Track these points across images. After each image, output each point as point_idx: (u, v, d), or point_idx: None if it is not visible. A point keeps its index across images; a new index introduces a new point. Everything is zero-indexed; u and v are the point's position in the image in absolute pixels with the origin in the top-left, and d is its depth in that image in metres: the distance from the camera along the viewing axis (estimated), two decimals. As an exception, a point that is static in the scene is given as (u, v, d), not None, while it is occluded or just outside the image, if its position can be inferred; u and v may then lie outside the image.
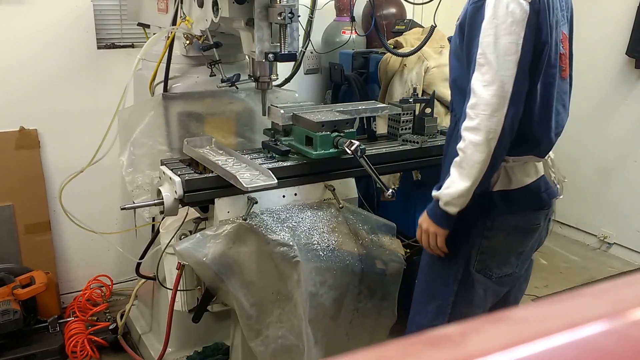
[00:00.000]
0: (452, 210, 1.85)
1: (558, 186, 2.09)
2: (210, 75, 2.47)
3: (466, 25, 1.82)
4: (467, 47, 1.80)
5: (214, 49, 2.34)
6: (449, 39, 2.24)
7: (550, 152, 2.05)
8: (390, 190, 2.06)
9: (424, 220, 1.95)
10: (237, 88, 2.48)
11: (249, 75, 2.32)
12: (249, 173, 2.01)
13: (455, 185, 1.80)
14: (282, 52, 2.22)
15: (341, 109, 2.33)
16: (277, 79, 2.36)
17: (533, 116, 1.85)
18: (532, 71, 1.77)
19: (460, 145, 1.78)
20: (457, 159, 1.80)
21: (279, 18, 2.10)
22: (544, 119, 1.88)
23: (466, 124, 1.76)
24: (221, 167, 2.01)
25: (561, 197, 2.09)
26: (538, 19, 1.73)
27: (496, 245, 1.98)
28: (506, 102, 1.70)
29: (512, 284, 2.13)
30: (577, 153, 4.46)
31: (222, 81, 2.36)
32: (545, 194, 2.00)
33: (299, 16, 2.18)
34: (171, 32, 2.47)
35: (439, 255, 1.97)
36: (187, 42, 2.37)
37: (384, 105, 2.52)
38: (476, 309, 2.04)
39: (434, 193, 1.89)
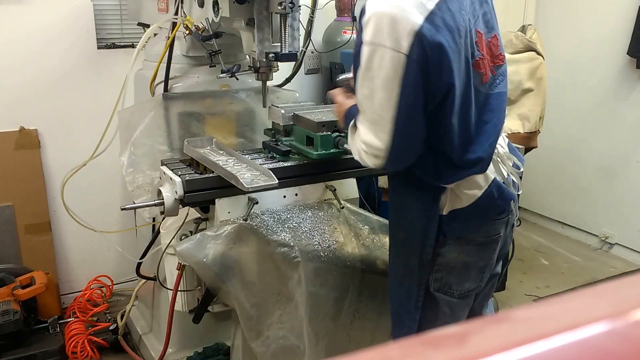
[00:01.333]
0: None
1: (515, 181, 1.92)
2: (209, 66, 2.47)
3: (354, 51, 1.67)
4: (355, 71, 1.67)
5: (214, 39, 2.33)
6: None
7: (502, 139, 1.90)
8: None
9: (339, 104, 1.95)
10: (237, 79, 2.48)
11: (249, 66, 2.32)
12: (249, 173, 2.01)
13: (367, 137, 1.67)
14: (283, 52, 2.22)
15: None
16: (278, 70, 2.35)
17: (460, 145, 1.70)
18: (442, 109, 1.62)
19: (350, 137, 1.74)
20: (350, 132, 1.75)
21: (279, 8, 2.10)
22: (472, 141, 1.72)
23: (354, 137, 1.71)
24: (222, 168, 2.01)
25: (520, 192, 1.92)
26: (427, 66, 1.53)
27: (452, 261, 1.84)
28: (382, 156, 1.63)
29: (480, 297, 2.02)
30: (579, 153, 4.46)
31: (222, 72, 2.36)
32: (500, 200, 1.82)
33: (299, 6, 2.17)
34: (172, 32, 2.46)
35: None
36: (187, 32, 2.37)
37: None
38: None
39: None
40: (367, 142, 1.63)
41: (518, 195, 1.92)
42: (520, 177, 1.95)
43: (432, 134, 1.67)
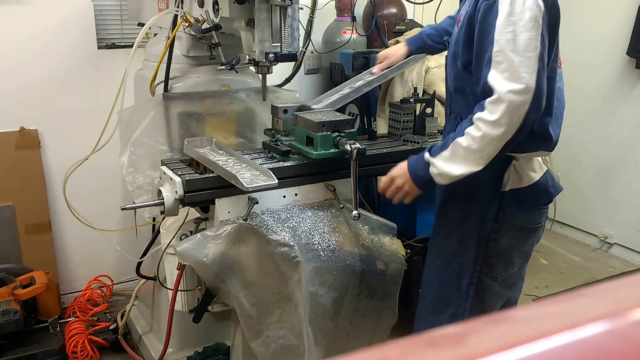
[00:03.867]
0: (440, 181, 1.83)
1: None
2: (209, 58, 2.47)
3: (477, 24, 1.77)
4: (479, 45, 1.76)
5: (214, 31, 2.33)
6: None
7: None
8: (356, 212, 2.06)
9: (401, 176, 1.92)
10: (237, 72, 2.48)
11: (248, 59, 2.32)
12: (249, 173, 2.01)
13: (456, 167, 1.77)
14: (283, 52, 2.22)
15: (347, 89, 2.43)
16: (277, 63, 2.35)
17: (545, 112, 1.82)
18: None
19: (474, 133, 1.72)
20: (466, 142, 1.75)
21: (279, 0, 2.10)
22: (551, 113, 1.87)
23: (485, 116, 1.70)
24: (221, 167, 2.01)
25: (562, 190, 2.10)
26: (551, 14, 1.72)
27: (502, 247, 1.98)
28: (529, 100, 1.66)
29: (513, 285, 2.13)
30: (578, 153, 4.46)
31: (222, 64, 2.35)
32: (552, 188, 2.00)
33: (299, -1, 2.18)
34: (172, 32, 2.46)
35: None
36: (187, 24, 2.37)
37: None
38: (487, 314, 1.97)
39: (428, 156, 1.85)
40: (508, 90, 1.65)
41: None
42: None
43: None
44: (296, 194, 2.20)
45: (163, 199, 2.03)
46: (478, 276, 2.00)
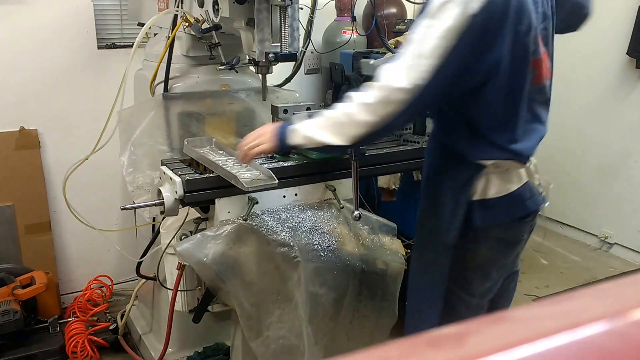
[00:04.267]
0: (295, 139, 1.81)
1: (543, 193, 1.96)
2: (209, 58, 2.47)
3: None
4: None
5: (214, 31, 2.33)
6: None
7: (533, 159, 1.92)
8: (357, 213, 2.05)
9: (266, 127, 1.93)
10: (237, 72, 2.48)
11: (248, 59, 2.32)
12: (249, 173, 2.01)
13: (318, 130, 1.76)
14: (283, 52, 2.21)
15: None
16: (277, 63, 2.35)
17: (502, 128, 1.75)
18: (485, 85, 1.67)
19: (345, 108, 1.70)
20: (334, 113, 1.73)
21: (279, 0, 2.11)
22: (514, 131, 1.76)
23: (358, 96, 1.68)
24: (221, 167, 2.01)
25: (547, 204, 1.95)
26: (485, 34, 1.58)
27: (480, 258, 1.89)
28: (402, 101, 1.61)
29: (490, 295, 2.02)
30: (578, 153, 4.46)
31: (222, 64, 2.35)
32: (530, 201, 1.87)
33: (298, -1, 2.18)
34: (172, 31, 2.46)
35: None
36: (187, 24, 2.37)
37: None
38: None
39: (296, 118, 1.85)
40: (389, 84, 1.61)
41: (543, 206, 1.95)
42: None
43: (474, 110, 1.74)
44: (296, 194, 2.20)
45: (163, 199, 2.02)
46: (452, 289, 1.91)
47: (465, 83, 1.67)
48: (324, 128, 1.75)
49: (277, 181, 1.93)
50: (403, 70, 1.60)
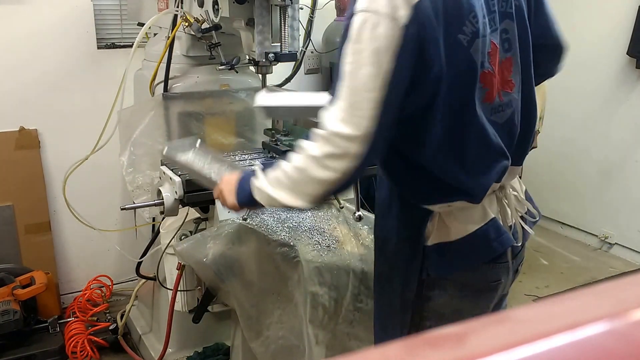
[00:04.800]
0: (258, 197, 1.51)
1: (526, 228, 1.67)
2: (209, 58, 2.47)
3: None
4: (336, 70, 1.39)
5: (214, 31, 2.33)
6: None
7: (517, 184, 1.69)
8: (359, 213, 2.02)
9: (227, 184, 1.61)
10: (237, 72, 2.48)
11: (248, 59, 2.32)
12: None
13: (277, 190, 1.46)
14: (283, 52, 2.21)
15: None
16: (277, 63, 2.34)
17: (444, 162, 1.46)
18: (428, 111, 1.40)
19: (297, 162, 1.42)
20: (289, 169, 1.44)
21: (279, 0, 2.11)
22: (463, 163, 1.48)
23: (309, 148, 1.39)
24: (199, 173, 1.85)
25: (520, 242, 1.65)
26: (422, 45, 1.32)
27: (442, 307, 1.59)
28: (354, 150, 1.33)
29: None
30: (578, 153, 4.46)
31: (222, 64, 2.35)
32: (496, 242, 1.55)
33: (298, -1, 2.18)
34: (172, 31, 2.46)
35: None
36: (187, 24, 2.37)
37: None
38: None
39: (259, 167, 1.55)
40: (337, 132, 1.33)
41: (523, 244, 1.67)
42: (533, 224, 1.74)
43: (411, 140, 1.46)
44: (296, 194, 2.20)
45: (163, 199, 2.02)
46: None
47: (407, 109, 1.38)
48: (282, 186, 1.46)
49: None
50: (346, 112, 1.33)
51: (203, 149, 1.88)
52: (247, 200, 1.55)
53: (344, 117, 1.33)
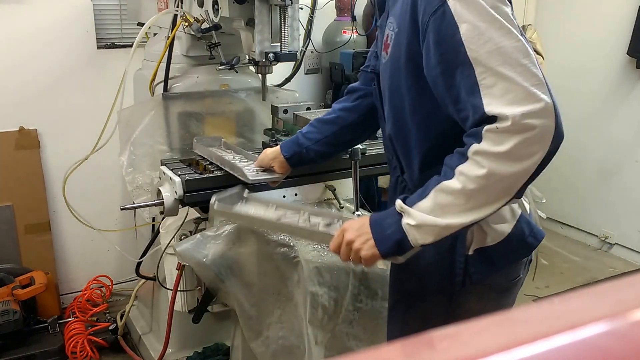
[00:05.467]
0: (417, 239, 1.32)
1: (539, 213, 1.68)
2: (209, 58, 2.47)
3: (430, 47, 1.31)
4: (446, 73, 1.30)
5: (213, 31, 2.33)
6: None
7: None
8: (358, 213, 2.01)
9: (355, 229, 1.44)
10: (237, 72, 2.48)
11: (248, 59, 2.32)
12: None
13: (443, 216, 1.29)
14: (283, 52, 2.21)
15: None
16: (277, 62, 2.35)
17: None
18: None
19: (473, 171, 1.25)
20: (460, 184, 1.27)
21: (279, 0, 2.11)
22: None
23: (487, 147, 1.23)
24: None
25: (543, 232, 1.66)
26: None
27: (469, 310, 1.58)
28: (553, 121, 1.23)
29: None
30: (578, 153, 4.46)
31: (222, 64, 2.35)
32: (531, 237, 1.57)
33: (298, -1, 2.18)
34: (172, 31, 2.46)
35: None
36: (187, 24, 2.37)
37: None
38: None
39: (401, 204, 1.35)
40: (525, 111, 1.20)
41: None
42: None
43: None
44: (296, 194, 2.20)
45: (163, 199, 2.02)
46: None
47: None
48: (447, 210, 1.29)
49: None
50: (520, 90, 1.22)
51: (254, 197, 1.84)
52: (395, 249, 1.36)
53: (518, 97, 1.21)
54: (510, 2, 1.32)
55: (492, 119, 1.23)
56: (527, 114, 1.20)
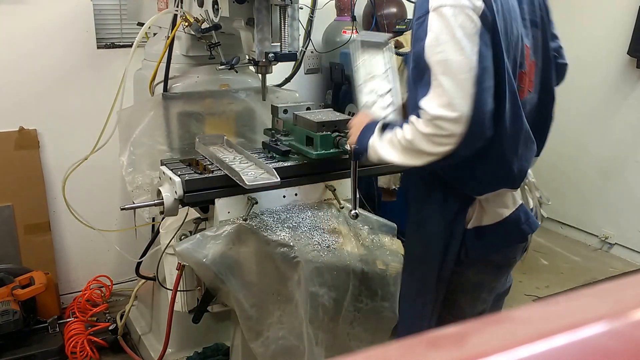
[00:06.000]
0: (370, 154, 1.70)
1: (541, 212, 1.91)
2: (209, 58, 2.47)
3: (413, 42, 1.60)
4: (415, 65, 1.58)
5: (213, 31, 2.33)
6: None
7: (530, 174, 1.86)
8: (354, 211, 2.03)
9: (356, 126, 1.79)
10: (237, 72, 2.48)
11: (248, 59, 2.32)
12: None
13: (387, 150, 1.64)
14: (283, 52, 2.21)
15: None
16: (277, 62, 2.35)
17: (502, 144, 1.64)
18: (500, 94, 1.57)
19: (406, 133, 1.56)
20: (400, 135, 1.58)
21: (279, 0, 2.10)
22: (512, 145, 1.68)
23: (418, 124, 1.53)
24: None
25: (540, 224, 1.89)
26: (493, 37, 1.53)
27: (467, 281, 1.85)
28: (460, 130, 1.48)
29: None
30: (578, 153, 4.46)
31: (222, 64, 2.35)
32: (525, 225, 1.80)
33: (298, -1, 2.18)
34: (172, 31, 2.46)
35: None
36: (186, 24, 2.37)
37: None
38: None
39: (379, 126, 1.69)
40: (438, 116, 1.47)
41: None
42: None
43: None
44: (296, 194, 2.20)
45: (162, 199, 2.02)
46: (442, 315, 1.88)
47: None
48: (392, 147, 1.63)
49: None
50: (447, 97, 1.48)
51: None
52: (361, 151, 1.74)
53: (443, 103, 1.47)
54: (489, 13, 1.51)
55: (422, 111, 1.53)
56: (438, 117, 1.48)
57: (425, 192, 1.83)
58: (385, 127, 1.69)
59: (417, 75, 1.56)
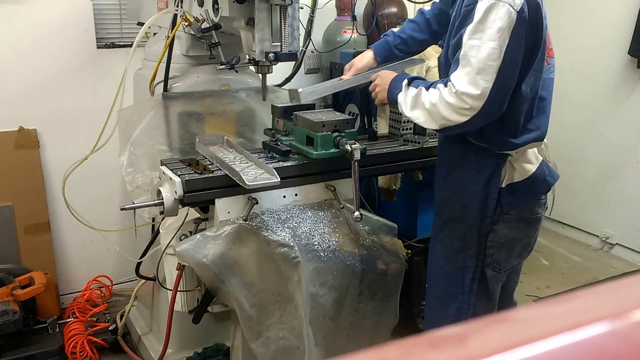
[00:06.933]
0: (399, 106, 2.01)
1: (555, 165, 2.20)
2: (209, 58, 2.46)
3: (456, 26, 1.90)
4: (456, 44, 1.87)
5: (213, 31, 2.33)
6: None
7: None
8: (358, 213, 2.05)
9: (381, 82, 2.12)
10: (237, 71, 2.48)
11: (248, 59, 2.32)
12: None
13: (412, 109, 1.95)
14: (283, 52, 2.21)
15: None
16: (277, 62, 2.34)
17: (530, 106, 1.94)
18: (525, 68, 1.86)
19: (433, 96, 1.87)
20: (426, 97, 1.90)
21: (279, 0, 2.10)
22: (532, 113, 1.97)
23: (444, 92, 1.84)
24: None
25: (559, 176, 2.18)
26: (528, 27, 1.79)
27: (502, 237, 2.06)
28: (478, 106, 1.79)
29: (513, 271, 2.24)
30: (579, 153, 4.46)
31: (222, 64, 2.35)
32: (549, 177, 2.08)
33: (298, -1, 2.17)
34: (172, 31, 2.46)
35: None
36: (186, 24, 2.36)
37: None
38: (492, 305, 2.15)
39: (406, 83, 2.00)
40: (464, 92, 1.78)
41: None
42: None
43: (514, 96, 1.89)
44: (296, 194, 2.20)
45: (162, 199, 2.02)
46: (481, 270, 2.09)
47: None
48: (416, 106, 1.94)
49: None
50: (473, 77, 1.77)
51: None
52: (393, 102, 2.04)
53: (469, 80, 1.78)
54: (527, 10, 1.78)
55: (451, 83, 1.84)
56: (464, 93, 1.79)
57: (459, 160, 2.07)
58: (411, 82, 2.00)
59: (454, 51, 1.85)
